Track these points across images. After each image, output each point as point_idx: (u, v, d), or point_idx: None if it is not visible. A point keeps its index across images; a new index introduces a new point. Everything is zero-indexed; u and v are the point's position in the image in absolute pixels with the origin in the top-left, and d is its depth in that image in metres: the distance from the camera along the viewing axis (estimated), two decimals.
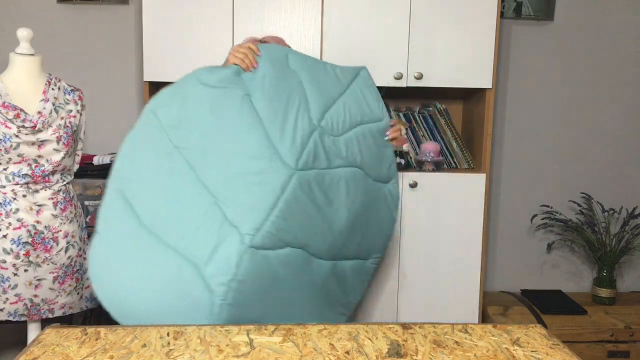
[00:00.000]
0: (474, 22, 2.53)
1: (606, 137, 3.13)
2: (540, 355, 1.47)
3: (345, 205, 1.95)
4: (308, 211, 1.86)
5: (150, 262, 1.71)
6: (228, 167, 1.76)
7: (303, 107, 1.88)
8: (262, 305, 1.82)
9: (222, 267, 1.71)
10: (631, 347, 2.70)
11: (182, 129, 1.76)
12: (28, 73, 1.99)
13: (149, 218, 1.73)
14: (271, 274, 1.80)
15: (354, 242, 2.00)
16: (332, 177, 1.92)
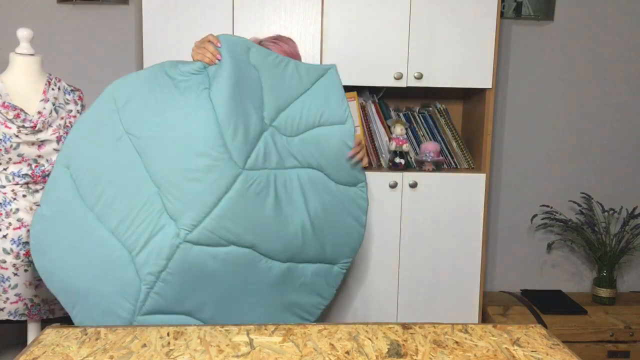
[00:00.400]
0: (474, 22, 2.53)
1: (606, 137, 3.13)
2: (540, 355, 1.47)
3: (302, 206, 1.93)
4: (257, 211, 1.85)
5: (88, 242, 1.76)
6: (175, 160, 1.77)
7: (257, 105, 1.86)
8: (195, 300, 1.84)
9: (153, 258, 1.76)
10: (631, 347, 2.70)
11: (136, 116, 1.77)
12: (28, 73, 1.99)
13: (92, 198, 1.76)
14: (207, 270, 1.82)
15: (316, 245, 1.98)
16: (285, 178, 1.91)
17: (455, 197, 2.58)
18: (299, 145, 1.93)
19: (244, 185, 1.82)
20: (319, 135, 1.97)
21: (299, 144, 1.94)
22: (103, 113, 1.77)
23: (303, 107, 1.94)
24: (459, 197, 2.59)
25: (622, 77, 3.09)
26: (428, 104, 2.82)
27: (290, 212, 1.91)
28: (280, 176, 1.90)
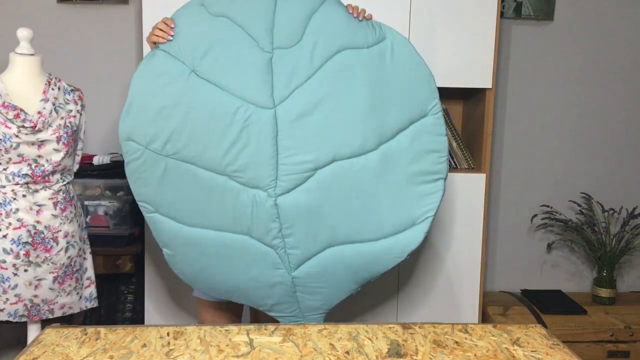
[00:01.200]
0: (474, 22, 2.52)
1: (606, 137, 3.13)
2: (540, 355, 1.47)
3: (355, 90, 1.86)
4: (316, 127, 1.85)
5: (211, 250, 1.92)
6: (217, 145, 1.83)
7: (248, 43, 1.83)
8: (324, 232, 1.91)
9: (265, 226, 1.88)
10: (631, 347, 2.70)
11: (158, 139, 1.83)
12: (28, 73, 1.99)
13: (189, 218, 1.93)
14: (313, 204, 1.88)
15: (393, 110, 1.90)
16: (321, 81, 1.85)
17: (455, 197, 2.58)
18: (309, 43, 1.86)
19: (286, 117, 1.83)
20: (317, 21, 1.88)
21: (308, 42, 1.86)
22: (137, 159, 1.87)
23: (286, 11, 1.86)
24: (459, 197, 2.59)
25: (622, 77, 3.09)
26: None
27: (345, 105, 1.86)
28: (315, 83, 1.85)
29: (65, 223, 2.03)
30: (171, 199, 1.87)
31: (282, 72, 1.84)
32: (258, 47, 1.84)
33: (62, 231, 2.01)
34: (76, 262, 2.09)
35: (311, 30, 1.87)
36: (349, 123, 1.86)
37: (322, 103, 1.85)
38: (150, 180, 1.85)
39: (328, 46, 1.87)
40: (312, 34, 1.87)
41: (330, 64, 1.87)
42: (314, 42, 1.86)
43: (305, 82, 1.85)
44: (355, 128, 1.86)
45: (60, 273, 2.03)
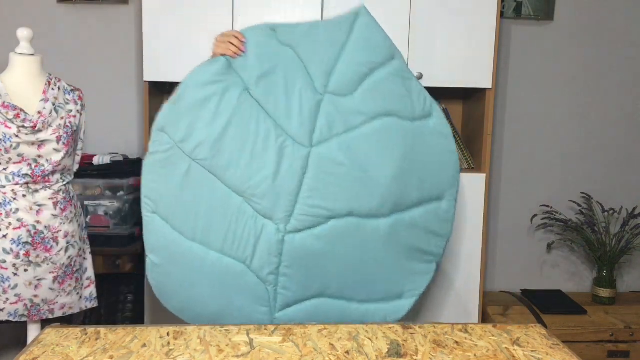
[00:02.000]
0: (474, 22, 2.52)
1: (606, 137, 3.13)
2: (540, 355, 1.47)
3: (386, 156, 1.88)
4: (342, 178, 1.86)
5: (204, 270, 1.84)
6: (246, 166, 1.81)
7: (304, 80, 1.85)
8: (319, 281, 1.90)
9: (265, 259, 1.83)
10: (631, 347, 2.70)
11: (192, 140, 1.80)
12: (28, 73, 1.99)
13: (190, 230, 1.82)
14: (318, 251, 1.86)
15: (413, 187, 1.92)
16: (359, 137, 1.87)
17: None
18: (361, 99, 1.89)
19: (318, 161, 1.84)
20: (376, 80, 1.91)
21: (360, 97, 1.89)
22: (163, 152, 1.81)
23: (350, 61, 1.89)
24: (459, 197, 2.58)
25: (622, 77, 3.09)
26: None
27: (375, 167, 1.88)
28: (353, 138, 1.87)
29: (65, 223, 2.03)
30: (180, 205, 1.82)
31: (328, 117, 1.87)
32: (313, 86, 1.87)
33: (62, 231, 2.01)
34: (76, 262, 2.09)
35: (366, 86, 1.90)
36: (373, 184, 1.88)
37: (354, 158, 1.87)
38: (169, 178, 1.81)
39: (377, 107, 1.90)
40: (366, 90, 1.90)
41: (373, 123, 1.90)
42: (365, 99, 1.89)
43: (345, 133, 1.88)
44: (377, 191, 1.88)
45: (60, 273, 2.03)
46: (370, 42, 1.92)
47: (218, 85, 1.81)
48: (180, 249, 1.83)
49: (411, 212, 1.94)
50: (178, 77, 2.50)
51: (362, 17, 1.93)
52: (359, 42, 1.91)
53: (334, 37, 1.90)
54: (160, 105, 2.80)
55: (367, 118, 1.89)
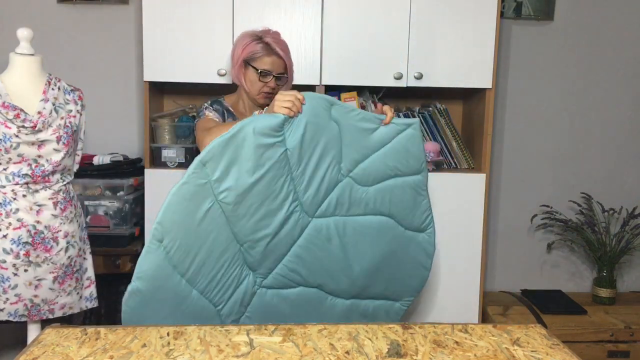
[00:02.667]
0: (474, 22, 2.52)
1: (606, 137, 3.13)
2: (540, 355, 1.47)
3: (369, 250, 2.01)
4: (325, 254, 1.97)
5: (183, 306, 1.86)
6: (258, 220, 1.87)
7: (336, 159, 1.92)
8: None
9: (236, 307, 1.93)
10: (631, 347, 2.70)
11: (225, 182, 1.81)
12: (28, 73, 1.99)
13: (184, 267, 1.83)
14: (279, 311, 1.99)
15: (380, 285, 2.07)
16: (355, 224, 1.99)
17: (455, 197, 2.58)
18: (373, 194, 1.98)
19: (312, 232, 1.94)
20: (394, 184, 2.00)
21: (373, 193, 1.99)
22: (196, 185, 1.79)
23: (382, 160, 1.98)
24: (459, 197, 2.59)
25: (622, 77, 3.09)
26: (428, 104, 2.82)
27: (356, 254, 2.00)
28: (349, 222, 1.98)
29: (65, 223, 2.02)
30: (188, 240, 1.81)
31: (339, 197, 1.95)
32: (339, 166, 1.94)
33: (62, 231, 2.01)
34: (76, 262, 2.08)
35: (383, 186, 1.99)
36: (348, 270, 2.01)
37: (343, 240, 1.98)
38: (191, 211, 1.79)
39: (382, 206, 2.00)
40: (381, 189, 1.99)
41: (373, 217, 2.00)
42: (377, 196, 1.99)
43: (345, 215, 1.98)
44: (349, 276, 2.01)
45: (60, 273, 2.03)
46: (408, 152, 2.01)
47: (271, 139, 1.82)
48: (168, 283, 1.81)
49: (367, 302, 2.09)
50: (178, 77, 2.51)
51: (411, 129, 2.02)
52: (399, 147, 2.00)
53: (379, 133, 1.99)
54: (160, 105, 2.81)
55: (370, 211, 2.00)
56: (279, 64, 2.10)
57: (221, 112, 2.14)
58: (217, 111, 2.14)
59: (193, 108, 2.77)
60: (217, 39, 2.49)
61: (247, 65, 2.09)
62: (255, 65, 2.08)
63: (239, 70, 2.11)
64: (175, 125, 2.64)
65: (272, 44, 2.08)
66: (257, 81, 2.09)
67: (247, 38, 2.10)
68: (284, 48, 2.11)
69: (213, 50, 2.49)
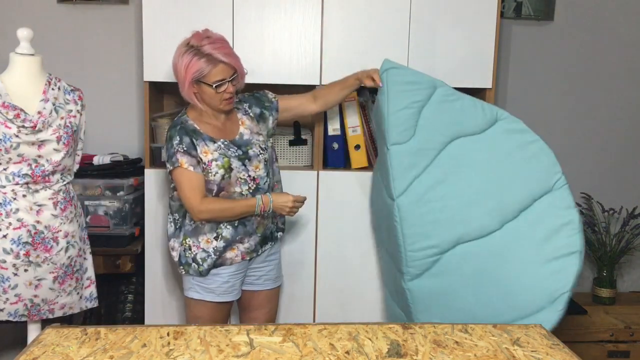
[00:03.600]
0: (474, 22, 2.52)
1: (606, 137, 3.13)
2: (540, 355, 1.47)
3: (469, 176, 1.99)
4: (436, 214, 1.96)
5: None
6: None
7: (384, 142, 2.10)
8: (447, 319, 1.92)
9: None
10: (631, 347, 2.70)
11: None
12: (28, 73, 1.99)
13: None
14: (439, 289, 1.99)
15: (511, 190, 1.97)
16: (436, 171, 1.98)
17: None
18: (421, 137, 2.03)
19: (406, 206, 1.99)
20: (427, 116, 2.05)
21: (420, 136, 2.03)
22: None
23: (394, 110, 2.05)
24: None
25: (622, 76, 3.09)
26: None
27: (463, 186, 1.99)
28: (432, 168, 2.01)
29: (65, 223, 2.02)
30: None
31: (399, 166, 1.98)
32: (386, 145, 2.01)
33: (62, 231, 2.01)
34: (76, 262, 2.08)
35: (422, 125, 2.02)
36: (468, 206, 1.95)
37: (439, 190, 1.96)
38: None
39: (441, 138, 2.01)
40: (423, 128, 2.01)
41: (445, 152, 2.00)
42: (427, 136, 2.00)
43: (423, 172, 1.98)
44: (474, 210, 1.94)
45: (61, 273, 2.03)
46: (405, 85, 2.03)
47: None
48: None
49: (523, 216, 1.95)
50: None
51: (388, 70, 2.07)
52: (395, 90, 2.03)
53: (379, 100, 2.06)
54: (160, 105, 2.81)
55: (436, 151, 2.00)
56: (227, 68, 1.99)
57: (189, 144, 2.00)
58: (188, 151, 1.99)
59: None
60: None
61: (199, 82, 1.99)
62: (207, 81, 1.97)
63: (190, 89, 2.01)
64: None
65: (213, 54, 1.95)
66: (215, 94, 1.99)
67: (186, 57, 1.97)
68: (225, 51, 1.99)
69: None
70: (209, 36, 2.00)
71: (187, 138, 2.02)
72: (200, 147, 2.02)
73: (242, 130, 2.13)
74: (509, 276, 1.90)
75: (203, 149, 2.02)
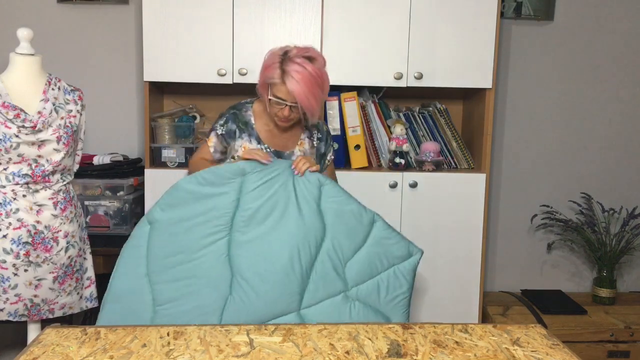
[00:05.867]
0: (474, 22, 2.52)
1: (606, 137, 3.13)
2: (540, 355, 1.47)
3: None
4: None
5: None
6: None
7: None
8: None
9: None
10: (631, 347, 2.70)
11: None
12: (28, 73, 1.99)
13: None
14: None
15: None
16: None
17: (455, 197, 2.58)
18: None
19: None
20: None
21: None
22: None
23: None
24: (459, 197, 2.59)
25: (622, 76, 3.09)
26: (428, 104, 2.82)
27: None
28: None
29: (66, 223, 2.03)
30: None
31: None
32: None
33: (62, 231, 2.01)
34: (76, 262, 2.08)
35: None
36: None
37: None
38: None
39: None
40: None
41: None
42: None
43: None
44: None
45: (61, 273, 2.03)
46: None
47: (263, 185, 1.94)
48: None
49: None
50: (178, 77, 2.51)
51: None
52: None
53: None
54: (160, 105, 2.81)
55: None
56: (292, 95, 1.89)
57: (231, 132, 2.04)
58: (225, 135, 2.04)
59: (193, 108, 2.77)
60: (217, 39, 2.49)
61: (267, 85, 1.95)
62: (271, 91, 1.93)
63: (262, 86, 1.98)
64: (175, 125, 2.64)
65: (289, 74, 1.86)
66: (272, 104, 1.96)
67: (272, 57, 1.92)
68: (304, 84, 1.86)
69: (213, 50, 2.49)
70: (309, 58, 1.90)
71: (233, 125, 2.05)
72: (243, 140, 2.03)
73: (296, 150, 2.10)
74: None
75: (245, 144, 2.03)
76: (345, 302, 1.90)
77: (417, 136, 2.73)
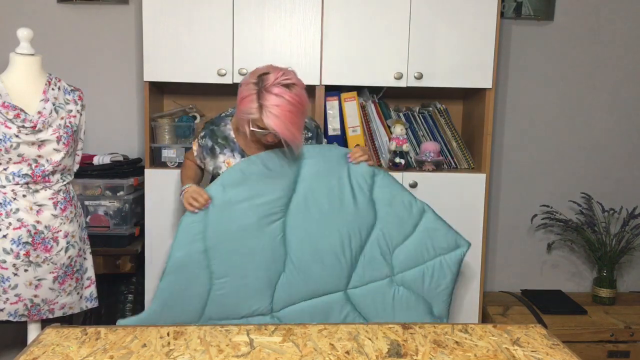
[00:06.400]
0: (474, 22, 2.52)
1: (606, 137, 3.13)
2: (540, 355, 1.47)
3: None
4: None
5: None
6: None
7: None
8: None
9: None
10: (631, 347, 2.70)
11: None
12: (28, 73, 1.99)
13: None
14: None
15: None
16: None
17: (455, 197, 2.58)
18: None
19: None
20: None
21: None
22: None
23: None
24: (459, 197, 2.59)
25: (622, 77, 3.09)
26: (428, 104, 2.82)
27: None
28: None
29: (66, 223, 2.03)
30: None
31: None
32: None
33: (62, 231, 2.01)
34: (76, 262, 2.08)
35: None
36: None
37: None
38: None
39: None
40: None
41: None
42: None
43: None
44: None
45: (61, 273, 2.03)
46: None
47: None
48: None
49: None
50: (178, 77, 2.51)
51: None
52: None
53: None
54: (160, 105, 2.81)
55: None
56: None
57: (208, 148, 1.98)
58: (204, 146, 1.99)
59: (193, 108, 2.77)
60: (217, 39, 2.49)
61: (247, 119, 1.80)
62: (251, 123, 1.79)
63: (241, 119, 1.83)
64: (175, 125, 2.64)
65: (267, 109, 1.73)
66: (253, 133, 1.83)
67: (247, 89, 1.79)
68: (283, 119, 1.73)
69: (213, 50, 2.49)
70: (287, 85, 1.76)
71: (209, 142, 1.99)
72: (225, 156, 1.97)
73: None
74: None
75: (228, 159, 1.98)
76: (390, 286, 2.01)
77: (417, 136, 2.73)
